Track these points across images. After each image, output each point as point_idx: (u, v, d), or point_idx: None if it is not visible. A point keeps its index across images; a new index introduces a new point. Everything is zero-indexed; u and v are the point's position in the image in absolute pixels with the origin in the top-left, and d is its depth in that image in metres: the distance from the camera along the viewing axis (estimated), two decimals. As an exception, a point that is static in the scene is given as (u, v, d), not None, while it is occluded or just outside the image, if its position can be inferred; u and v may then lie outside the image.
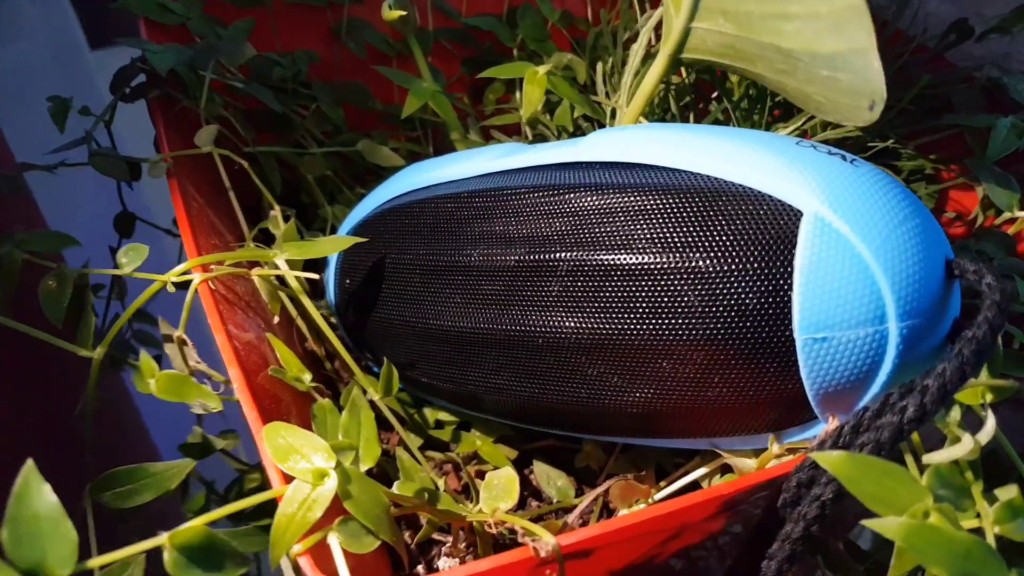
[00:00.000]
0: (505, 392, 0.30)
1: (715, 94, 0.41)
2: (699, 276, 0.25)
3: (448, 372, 0.32)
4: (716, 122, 0.38)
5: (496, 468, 0.35)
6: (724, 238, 0.24)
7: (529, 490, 0.36)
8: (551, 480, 0.36)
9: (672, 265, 0.25)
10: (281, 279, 0.31)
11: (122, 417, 0.48)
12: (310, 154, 0.41)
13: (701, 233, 0.25)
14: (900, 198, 0.24)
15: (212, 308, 0.27)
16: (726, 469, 0.30)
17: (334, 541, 0.21)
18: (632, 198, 0.26)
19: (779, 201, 0.24)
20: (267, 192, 0.35)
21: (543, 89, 0.36)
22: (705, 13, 0.27)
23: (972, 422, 0.23)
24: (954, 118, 0.36)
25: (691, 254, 0.25)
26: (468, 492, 0.36)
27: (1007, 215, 0.33)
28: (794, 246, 0.24)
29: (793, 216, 0.24)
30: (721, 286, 0.24)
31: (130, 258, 0.27)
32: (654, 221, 0.26)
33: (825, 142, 0.35)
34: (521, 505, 0.36)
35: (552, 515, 0.36)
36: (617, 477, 0.36)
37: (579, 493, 0.36)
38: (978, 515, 0.21)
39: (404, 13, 0.34)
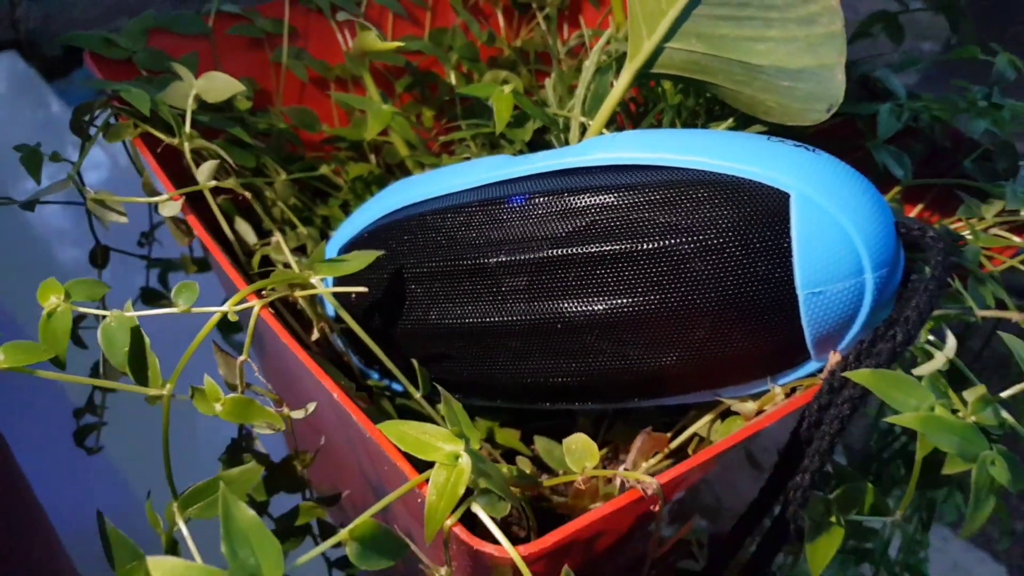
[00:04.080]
0: (535, 374, 0.34)
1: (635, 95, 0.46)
2: (715, 252, 0.30)
3: (477, 366, 0.35)
4: (652, 124, 0.44)
5: (510, 449, 0.39)
6: (733, 219, 0.30)
7: (538, 465, 0.40)
8: (552, 453, 0.40)
9: (691, 246, 0.30)
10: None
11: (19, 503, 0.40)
12: (279, 181, 0.42)
13: (714, 217, 0.30)
14: (856, 176, 0.31)
15: (282, 331, 0.29)
16: (723, 416, 0.36)
17: (479, 509, 0.24)
18: (649, 193, 0.31)
19: (770, 187, 0.30)
20: (267, 218, 0.37)
21: (511, 106, 0.40)
22: (681, 36, 0.32)
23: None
24: (843, 107, 0.44)
25: (707, 235, 0.30)
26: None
27: (897, 189, 0.40)
28: (788, 221, 0.29)
29: (784, 197, 0.30)
30: (736, 259, 0.30)
31: (184, 297, 0.28)
32: (672, 210, 0.30)
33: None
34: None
35: (563, 486, 0.40)
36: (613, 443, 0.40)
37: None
38: (955, 410, 0.27)
39: (401, 44, 0.37)
